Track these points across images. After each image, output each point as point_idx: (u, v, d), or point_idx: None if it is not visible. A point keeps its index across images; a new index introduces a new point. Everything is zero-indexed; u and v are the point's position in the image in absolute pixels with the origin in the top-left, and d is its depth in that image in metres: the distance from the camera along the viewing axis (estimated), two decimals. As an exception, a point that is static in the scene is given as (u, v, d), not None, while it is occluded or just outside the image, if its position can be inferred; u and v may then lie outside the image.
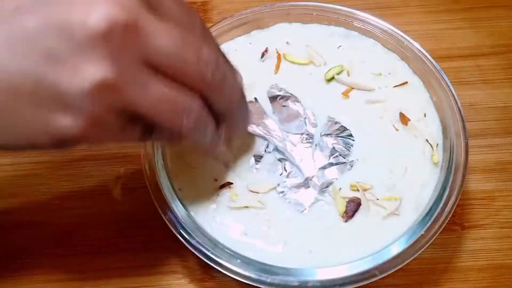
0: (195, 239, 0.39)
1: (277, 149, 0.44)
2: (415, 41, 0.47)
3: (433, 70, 0.46)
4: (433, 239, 0.39)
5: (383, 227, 0.40)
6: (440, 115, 0.45)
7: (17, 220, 0.46)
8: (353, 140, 0.44)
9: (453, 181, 0.41)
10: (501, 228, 0.45)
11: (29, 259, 0.44)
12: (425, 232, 0.39)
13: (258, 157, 0.43)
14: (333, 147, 0.44)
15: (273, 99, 0.46)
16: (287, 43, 0.49)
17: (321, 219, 0.41)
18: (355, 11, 0.49)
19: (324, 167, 0.43)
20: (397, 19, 0.52)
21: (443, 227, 0.39)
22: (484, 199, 0.47)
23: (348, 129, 0.44)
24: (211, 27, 0.48)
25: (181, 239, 0.39)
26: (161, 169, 0.42)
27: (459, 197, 0.40)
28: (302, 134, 0.44)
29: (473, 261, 0.44)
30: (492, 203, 0.46)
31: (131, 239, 0.45)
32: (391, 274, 0.38)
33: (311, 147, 0.44)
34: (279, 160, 0.43)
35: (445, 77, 0.45)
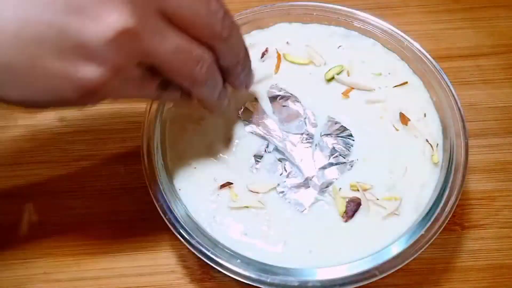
0: (195, 239, 0.39)
1: (277, 149, 0.44)
2: (415, 41, 0.47)
3: (433, 70, 0.46)
4: (433, 239, 0.39)
5: (383, 227, 0.40)
6: (440, 115, 0.45)
7: (17, 220, 0.46)
8: (353, 140, 0.44)
9: (453, 181, 0.41)
10: (501, 228, 0.45)
11: (29, 259, 0.44)
12: (425, 232, 0.39)
13: (258, 157, 0.43)
14: (333, 147, 0.44)
15: (273, 99, 0.46)
16: (287, 43, 0.49)
17: (321, 219, 0.41)
18: (355, 11, 0.49)
19: (324, 167, 0.43)
20: (397, 19, 0.52)
21: (443, 227, 0.39)
22: (484, 199, 0.47)
23: (348, 129, 0.44)
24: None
25: (181, 239, 0.39)
26: (161, 169, 0.42)
27: (459, 197, 0.40)
28: (302, 134, 0.44)
29: (473, 261, 0.44)
30: (492, 203, 0.46)
31: (131, 239, 0.45)
32: (391, 274, 0.38)
33: (311, 147, 0.44)
34: (279, 160, 0.43)
35: (445, 77, 0.45)
